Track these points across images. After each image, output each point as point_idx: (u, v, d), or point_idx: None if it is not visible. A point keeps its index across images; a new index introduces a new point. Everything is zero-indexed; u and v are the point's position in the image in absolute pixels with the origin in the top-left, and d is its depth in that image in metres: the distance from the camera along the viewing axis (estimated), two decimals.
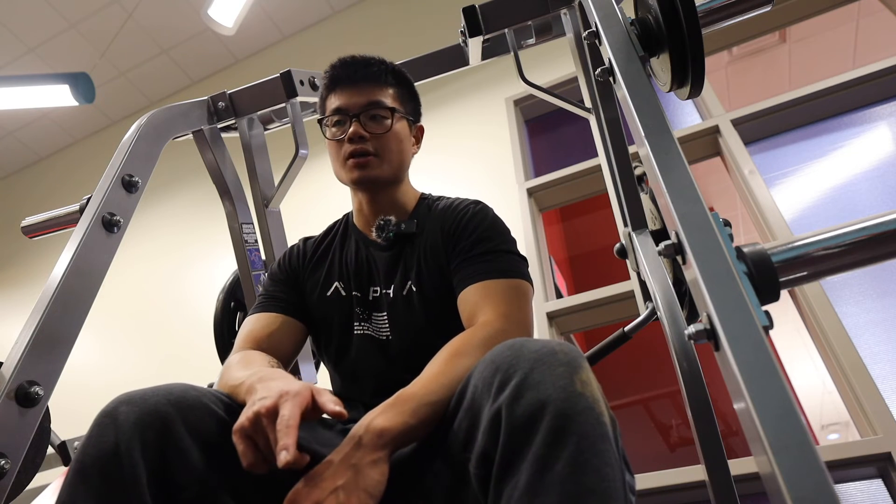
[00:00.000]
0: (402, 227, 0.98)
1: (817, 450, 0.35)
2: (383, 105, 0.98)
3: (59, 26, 3.54)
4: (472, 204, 0.99)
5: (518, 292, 0.86)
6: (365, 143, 0.95)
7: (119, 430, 0.61)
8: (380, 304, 0.96)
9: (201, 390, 0.70)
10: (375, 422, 0.64)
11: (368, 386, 0.94)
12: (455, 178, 2.69)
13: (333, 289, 0.99)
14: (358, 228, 1.04)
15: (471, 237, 0.92)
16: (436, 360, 0.74)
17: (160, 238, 3.48)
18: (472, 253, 0.90)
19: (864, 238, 0.51)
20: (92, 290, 0.93)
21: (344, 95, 0.98)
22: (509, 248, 0.92)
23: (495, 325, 0.78)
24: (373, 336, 0.95)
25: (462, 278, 0.88)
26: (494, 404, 0.56)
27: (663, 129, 0.62)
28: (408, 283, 0.94)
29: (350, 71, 0.99)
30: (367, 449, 0.62)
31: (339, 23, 3.71)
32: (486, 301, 0.83)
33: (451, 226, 0.95)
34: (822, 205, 2.03)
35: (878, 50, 2.46)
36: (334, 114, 0.98)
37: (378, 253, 0.99)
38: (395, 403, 0.66)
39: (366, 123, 0.96)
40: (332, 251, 1.04)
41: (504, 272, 0.87)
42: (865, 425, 1.48)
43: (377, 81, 0.99)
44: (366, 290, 0.98)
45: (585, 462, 0.50)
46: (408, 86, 1.05)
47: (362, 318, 0.96)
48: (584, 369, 0.56)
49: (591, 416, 0.53)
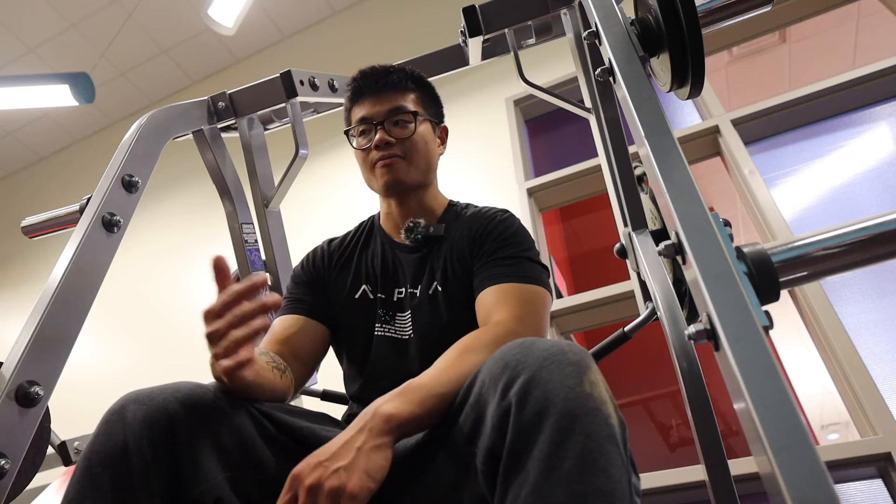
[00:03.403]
0: (430, 230, 1.00)
1: (817, 450, 0.35)
2: (406, 110, 1.00)
3: (59, 26, 3.54)
4: (499, 212, 1.02)
5: (535, 297, 0.87)
6: (391, 148, 0.98)
7: (127, 428, 0.61)
8: (403, 304, 0.97)
9: (208, 388, 0.70)
10: (383, 408, 0.64)
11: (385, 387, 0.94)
12: (455, 178, 2.69)
13: (361, 291, 1.01)
14: (385, 231, 1.06)
15: (495, 242, 0.94)
16: (446, 354, 0.75)
17: (160, 238, 3.48)
18: (494, 256, 0.92)
19: (864, 238, 0.51)
20: (92, 290, 0.93)
21: (367, 105, 1.01)
22: (531, 256, 0.93)
23: (507, 326, 0.79)
24: (393, 337, 0.96)
25: (482, 280, 0.90)
26: (503, 401, 0.56)
27: (663, 129, 0.62)
28: (434, 284, 0.95)
29: (371, 81, 1.02)
30: (373, 433, 0.62)
31: (339, 23, 3.71)
32: (502, 302, 0.84)
33: (478, 230, 0.97)
34: (822, 205, 2.03)
35: (878, 50, 2.46)
36: (360, 123, 1.01)
37: (404, 255, 1.01)
38: (404, 392, 0.67)
39: (390, 129, 0.99)
40: (358, 253, 1.06)
41: (523, 277, 0.88)
42: (865, 425, 1.48)
43: (398, 88, 1.02)
44: (391, 291, 0.99)
45: (593, 462, 0.50)
46: (428, 89, 1.08)
47: (385, 321, 0.98)
48: (592, 370, 0.57)
49: (598, 417, 0.53)
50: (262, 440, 0.71)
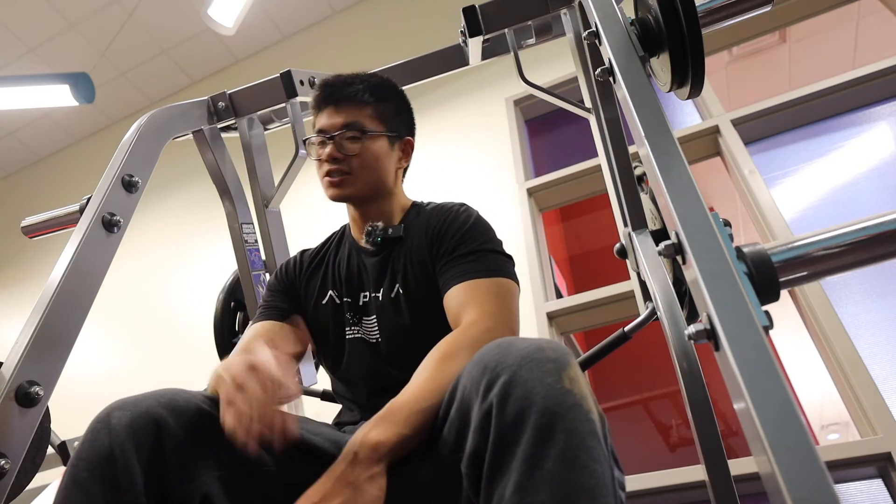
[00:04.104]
0: (388, 232, 1.00)
1: (817, 450, 0.35)
2: (357, 126, 0.99)
3: (59, 26, 3.54)
4: (455, 206, 1.01)
5: (502, 290, 0.86)
6: (339, 163, 0.98)
7: (112, 433, 0.61)
8: (369, 308, 0.98)
9: (191, 393, 0.70)
10: (369, 436, 0.64)
11: (363, 387, 0.96)
12: (455, 178, 2.69)
13: (328, 297, 1.02)
14: (352, 237, 1.06)
15: (454, 238, 0.93)
16: (424, 365, 0.74)
17: (160, 238, 3.48)
18: (455, 253, 0.91)
19: (864, 238, 0.51)
20: (92, 290, 0.93)
21: (325, 116, 1.01)
22: (493, 248, 0.92)
23: (480, 325, 0.79)
24: (364, 339, 0.97)
25: (447, 279, 0.89)
26: (483, 403, 0.56)
27: (663, 129, 0.62)
28: (395, 286, 0.96)
29: (332, 90, 1.01)
30: (364, 465, 0.62)
31: (339, 23, 3.71)
32: (470, 300, 0.84)
33: (435, 227, 0.97)
34: (822, 205, 2.03)
35: (878, 50, 2.46)
36: (317, 134, 1.01)
37: (368, 259, 1.01)
38: (387, 415, 0.67)
39: (342, 144, 0.98)
40: (327, 261, 1.07)
41: (488, 271, 0.88)
42: (865, 425, 1.48)
43: (355, 101, 1.00)
44: (356, 295, 1.00)
45: (575, 459, 0.51)
46: (394, 101, 1.06)
47: (353, 323, 0.98)
48: (571, 366, 0.57)
49: (579, 413, 0.53)
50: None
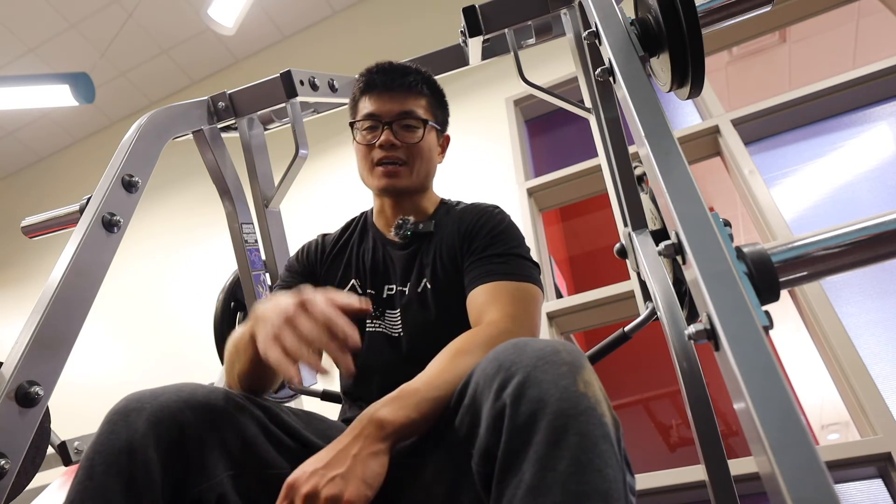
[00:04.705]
0: (419, 227, 0.99)
1: (817, 450, 0.35)
2: (416, 115, 0.99)
3: (59, 26, 3.54)
4: (490, 207, 1.01)
5: (526, 295, 0.86)
6: (396, 151, 0.97)
7: (131, 427, 0.61)
8: (393, 301, 0.97)
9: (208, 387, 0.70)
10: (378, 413, 0.64)
11: (376, 382, 0.94)
12: (455, 178, 2.68)
13: (350, 286, 1.00)
14: (377, 228, 1.05)
15: (485, 238, 0.93)
16: (440, 356, 0.74)
17: (160, 238, 3.48)
18: (484, 254, 0.91)
19: (864, 238, 0.51)
20: (92, 290, 0.93)
21: (378, 101, 0.99)
22: (522, 253, 0.92)
23: (500, 326, 0.79)
24: (385, 333, 0.95)
25: (473, 278, 0.89)
26: (497, 402, 0.56)
27: (663, 129, 0.62)
28: (423, 281, 0.95)
29: (387, 77, 0.99)
30: (369, 440, 0.62)
31: (339, 23, 3.71)
32: (494, 301, 0.84)
33: (468, 226, 0.96)
34: (822, 205, 2.03)
35: (878, 50, 2.46)
36: (367, 118, 0.99)
37: (395, 252, 1.00)
38: (399, 397, 0.66)
39: (397, 132, 0.97)
40: (350, 249, 1.05)
41: (514, 275, 0.87)
42: (865, 425, 1.48)
43: (412, 90, 1.00)
44: (381, 288, 0.99)
45: (588, 462, 0.50)
46: (440, 96, 1.07)
47: (375, 316, 0.97)
48: (586, 369, 0.56)
49: (592, 417, 0.53)
50: (265, 439, 0.71)
